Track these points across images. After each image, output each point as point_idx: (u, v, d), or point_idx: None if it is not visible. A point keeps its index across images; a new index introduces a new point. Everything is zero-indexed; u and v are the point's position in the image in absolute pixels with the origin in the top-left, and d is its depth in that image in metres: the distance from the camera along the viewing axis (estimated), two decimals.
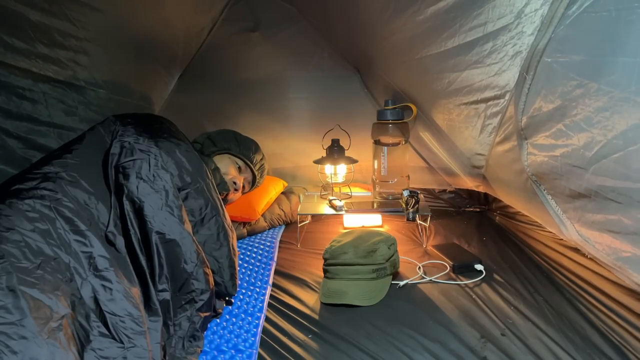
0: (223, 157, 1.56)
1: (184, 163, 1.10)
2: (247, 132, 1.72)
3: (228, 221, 1.17)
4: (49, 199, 0.85)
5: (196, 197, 1.10)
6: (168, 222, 0.97)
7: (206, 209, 1.10)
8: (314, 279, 1.26)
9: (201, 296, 0.98)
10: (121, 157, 1.02)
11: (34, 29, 1.05)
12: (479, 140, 1.30)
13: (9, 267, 0.69)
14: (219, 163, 1.52)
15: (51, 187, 0.88)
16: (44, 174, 0.91)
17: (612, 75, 0.68)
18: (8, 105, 1.08)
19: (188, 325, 0.94)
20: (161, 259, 0.94)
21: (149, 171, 1.02)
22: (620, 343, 0.91)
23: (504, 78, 1.01)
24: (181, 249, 0.97)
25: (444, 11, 1.02)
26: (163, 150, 1.08)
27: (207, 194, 1.12)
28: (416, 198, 1.47)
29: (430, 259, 1.38)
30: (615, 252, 0.88)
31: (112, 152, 1.03)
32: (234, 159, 1.59)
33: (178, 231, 0.98)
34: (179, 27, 1.65)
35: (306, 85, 1.96)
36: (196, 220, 1.09)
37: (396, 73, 1.60)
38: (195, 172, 1.12)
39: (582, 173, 0.83)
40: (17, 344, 0.62)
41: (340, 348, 0.94)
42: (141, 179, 0.99)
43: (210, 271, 1.04)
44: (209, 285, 1.01)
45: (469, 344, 0.93)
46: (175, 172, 1.07)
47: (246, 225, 1.63)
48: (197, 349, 0.92)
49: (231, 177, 1.52)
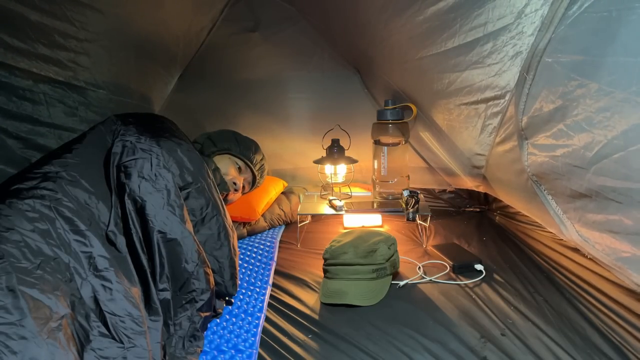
0: (223, 157, 1.56)
1: (185, 162, 1.10)
2: (247, 132, 1.72)
3: (229, 221, 1.17)
4: (48, 199, 0.85)
5: (197, 196, 1.10)
6: (169, 222, 0.97)
7: (207, 209, 1.10)
8: (314, 279, 1.26)
9: (202, 296, 0.98)
10: (123, 156, 1.02)
11: (34, 30, 1.05)
12: (479, 141, 1.30)
13: (8, 267, 0.69)
14: (219, 163, 1.52)
15: (51, 187, 0.88)
16: (43, 174, 0.90)
17: (612, 76, 0.68)
18: (8, 106, 1.08)
19: (188, 325, 0.94)
20: (162, 258, 0.94)
21: (151, 170, 1.02)
22: (620, 343, 0.91)
23: (504, 78, 1.01)
24: (182, 249, 0.97)
25: (444, 11, 1.02)
26: (164, 149, 1.08)
27: (208, 194, 1.12)
28: (416, 198, 1.47)
29: (430, 259, 1.38)
30: (615, 253, 0.88)
31: (113, 151, 1.03)
32: (234, 159, 1.59)
33: (179, 230, 0.98)
34: (179, 27, 1.65)
35: (306, 85, 1.96)
36: (197, 219, 1.09)
37: (396, 73, 1.60)
38: (197, 171, 1.12)
39: (583, 173, 0.83)
40: (17, 344, 0.62)
41: (340, 348, 0.94)
42: (143, 178, 1.00)
43: (210, 271, 1.04)
44: (210, 285, 1.01)
45: (469, 344, 0.93)
46: (176, 171, 1.07)
47: (246, 225, 1.63)
48: (197, 348, 0.92)
49: (231, 178, 1.52)
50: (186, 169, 1.10)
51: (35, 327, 0.65)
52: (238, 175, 1.58)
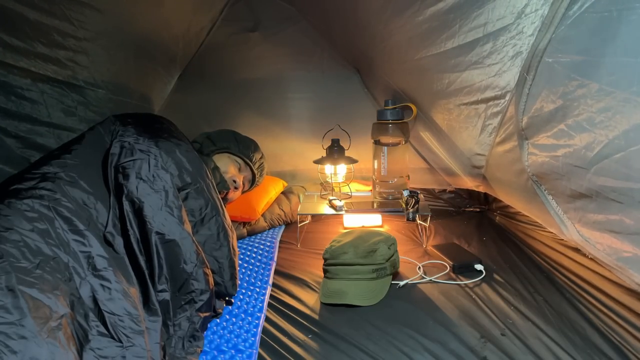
0: (222, 156, 1.56)
1: (184, 163, 1.10)
2: (247, 132, 1.72)
3: (228, 221, 1.17)
4: (47, 199, 0.84)
5: (196, 197, 1.09)
6: (168, 223, 0.97)
7: (206, 209, 1.10)
8: (314, 279, 1.26)
9: (201, 296, 0.98)
10: (121, 157, 1.02)
11: (33, 29, 1.05)
12: (479, 141, 1.30)
13: (8, 267, 0.69)
14: (219, 162, 1.52)
15: (50, 187, 0.87)
16: (42, 174, 0.90)
17: (613, 76, 0.68)
18: (7, 105, 1.08)
19: (188, 325, 0.94)
20: (160, 259, 0.94)
21: (149, 171, 1.01)
22: (620, 343, 0.91)
23: (504, 78, 1.01)
24: (181, 250, 0.97)
25: (444, 12, 1.02)
26: (163, 150, 1.08)
27: (207, 194, 1.12)
28: (416, 198, 1.47)
29: (430, 259, 1.38)
30: (616, 252, 0.88)
31: (112, 152, 1.03)
32: (234, 157, 1.59)
33: (178, 231, 0.98)
34: (179, 27, 1.65)
35: (306, 85, 1.96)
36: (196, 220, 1.08)
37: (396, 73, 1.60)
38: (195, 172, 1.12)
39: (584, 173, 0.83)
40: (17, 344, 0.62)
41: (340, 348, 0.94)
42: (141, 179, 0.99)
43: (210, 271, 1.04)
44: (209, 286, 1.00)
45: (469, 344, 0.93)
46: (175, 172, 1.07)
47: (246, 225, 1.63)
48: (197, 349, 0.92)
49: (231, 176, 1.52)
50: (185, 169, 1.09)
51: (35, 326, 0.65)
52: (238, 173, 1.58)
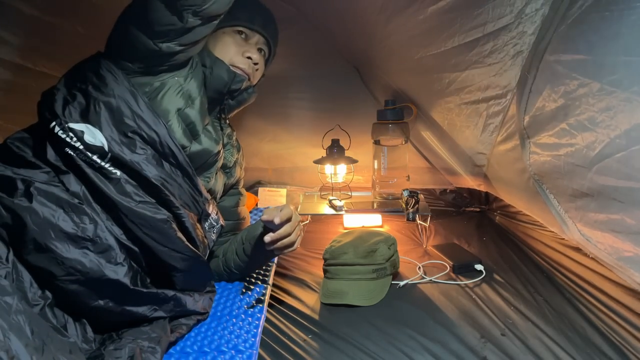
0: (215, 37, 1.08)
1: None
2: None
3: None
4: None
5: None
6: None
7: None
8: (314, 279, 1.26)
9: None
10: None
11: (29, 24, 1.04)
12: (480, 140, 1.30)
13: None
14: (215, 50, 1.07)
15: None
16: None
17: (614, 75, 0.68)
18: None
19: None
20: None
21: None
22: (620, 343, 0.91)
23: (505, 78, 1.01)
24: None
25: (444, 11, 1.02)
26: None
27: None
28: (416, 198, 1.47)
29: (430, 259, 1.38)
30: (617, 252, 0.88)
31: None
32: (229, 31, 1.11)
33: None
34: None
35: (306, 85, 1.95)
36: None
37: (396, 73, 1.60)
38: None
39: (585, 172, 0.83)
40: None
41: (340, 348, 0.94)
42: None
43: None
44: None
45: (469, 344, 0.93)
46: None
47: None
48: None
49: (238, 57, 1.10)
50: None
51: None
52: (245, 43, 1.13)
